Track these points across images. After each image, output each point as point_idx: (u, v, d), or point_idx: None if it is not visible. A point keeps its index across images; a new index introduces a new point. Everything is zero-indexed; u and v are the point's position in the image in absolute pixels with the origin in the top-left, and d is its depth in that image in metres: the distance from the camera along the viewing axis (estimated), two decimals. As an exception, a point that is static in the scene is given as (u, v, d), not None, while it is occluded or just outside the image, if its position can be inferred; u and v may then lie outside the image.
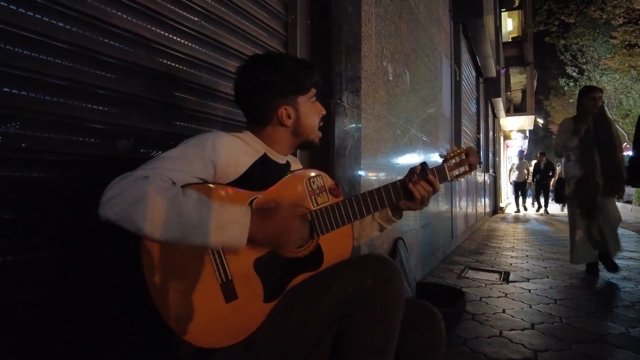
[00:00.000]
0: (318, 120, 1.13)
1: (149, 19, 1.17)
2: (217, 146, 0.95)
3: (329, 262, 1.04)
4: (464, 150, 1.19)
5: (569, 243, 3.79)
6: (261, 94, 1.05)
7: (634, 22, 10.48)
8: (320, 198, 1.06)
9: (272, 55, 1.12)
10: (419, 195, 1.11)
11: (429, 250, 3.61)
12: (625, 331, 2.29)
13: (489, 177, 9.38)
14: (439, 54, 4.14)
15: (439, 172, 1.16)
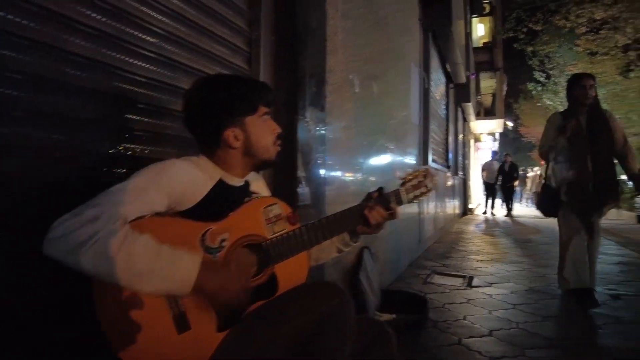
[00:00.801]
0: (272, 139, 1.12)
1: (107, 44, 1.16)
2: (172, 175, 0.95)
3: (284, 288, 1.06)
4: (422, 172, 1.24)
5: (533, 246, 3.92)
6: (204, 118, 1.05)
7: (594, 31, 10.93)
8: (277, 226, 1.08)
9: (214, 78, 1.11)
10: (374, 221, 1.15)
11: (396, 256, 3.68)
12: (577, 335, 2.41)
13: (458, 179, 9.61)
14: (408, 63, 4.22)
15: (395, 196, 1.20)
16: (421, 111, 4.84)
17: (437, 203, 6.19)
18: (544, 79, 19.52)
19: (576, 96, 2.98)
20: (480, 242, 6.18)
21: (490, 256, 4.98)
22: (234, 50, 1.64)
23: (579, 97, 2.95)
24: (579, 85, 2.95)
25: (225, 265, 0.94)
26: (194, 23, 1.43)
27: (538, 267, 4.26)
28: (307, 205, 1.99)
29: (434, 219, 5.88)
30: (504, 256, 4.98)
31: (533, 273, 4.01)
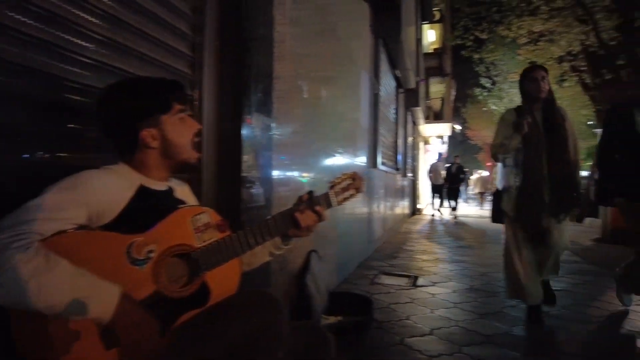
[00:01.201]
0: (190, 137, 1.12)
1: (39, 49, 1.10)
2: (88, 187, 0.93)
3: (216, 297, 1.06)
4: (349, 175, 1.29)
5: (476, 246, 4.12)
6: (119, 122, 1.04)
7: (533, 42, 11.65)
8: (206, 235, 1.07)
9: (123, 81, 1.10)
10: (305, 224, 1.18)
11: (345, 258, 3.75)
12: (508, 330, 2.58)
13: (407, 180, 9.92)
14: (359, 68, 4.32)
15: (325, 199, 1.24)
16: (371, 115, 4.96)
17: (387, 204, 6.36)
18: (489, 84, 20.60)
19: (529, 90, 2.68)
20: (427, 241, 6.42)
21: (435, 256, 5.19)
22: (176, 55, 1.61)
23: (532, 91, 2.65)
24: (530, 78, 2.67)
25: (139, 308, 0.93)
26: (133, 27, 1.39)
27: (479, 267, 4.49)
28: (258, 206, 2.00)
29: (384, 219, 6.03)
30: (448, 256, 5.21)
31: (474, 272, 4.22)
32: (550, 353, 2.30)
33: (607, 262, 4.72)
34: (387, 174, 6.25)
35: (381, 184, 5.76)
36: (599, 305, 3.16)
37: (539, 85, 2.61)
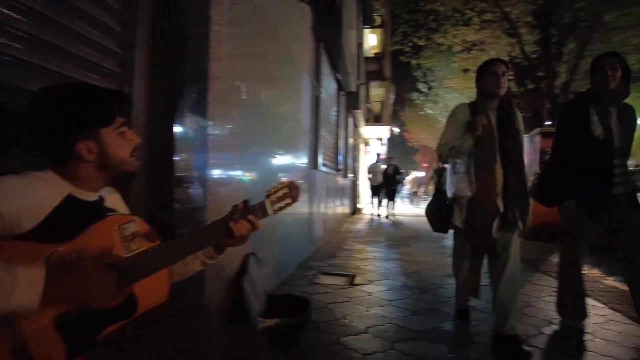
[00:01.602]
0: (130, 151, 1.08)
1: None
2: (4, 196, 0.87)
3: (144, 307, 1.03)
4: (286, 184, 1.30)
5: (411, 244, 4.28)
6: (53, 131, 0.97)
7: (467, 50, 12.36)
8: (134, 244, 1.04)
9: (65, 87, 1.02)
10: (239, 233, 1.17)
11: (284, 259, 3.76)
12: (438, 325, 2.72)
13: (348, 181, 10.14)
14: (300, 70, 4.34)
15: (260, 208, 1.24)
16: (312, 117, 5.01)
17: (328, 204, 6.46)
18: (426, 89, 21.60)
19: (486, 86, 2.39)
20: (366, 241, 6.61)
21: (373, 254, 5.36)
22: (105, 52, 1.53)
23: (490, 86, 2.37)
24: (489, 72, 2.38)
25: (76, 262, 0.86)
26: (58, 23, 1.30)
27: (413, 264, 4.70)
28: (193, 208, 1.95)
29: (324, 219, 6.12)
30: (385, 254, 5.40)
31: (409, 270, 4.41)
32: (476, 346, 2.45)
33: (528, 258, 5.14)
34: (327, 174, 6.35)
35: (322, 185, 5.84)
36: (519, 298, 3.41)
37: (499, 80, 2.33)
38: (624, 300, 3.30)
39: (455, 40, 12.05)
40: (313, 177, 5.05)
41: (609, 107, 2.48)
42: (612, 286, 3.88)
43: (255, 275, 2.71)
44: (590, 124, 2.43)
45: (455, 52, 13.12)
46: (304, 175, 4.58)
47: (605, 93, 2.46)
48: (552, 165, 2.66)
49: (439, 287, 3.76)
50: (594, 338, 2.52)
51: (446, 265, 4.71)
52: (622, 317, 2.92)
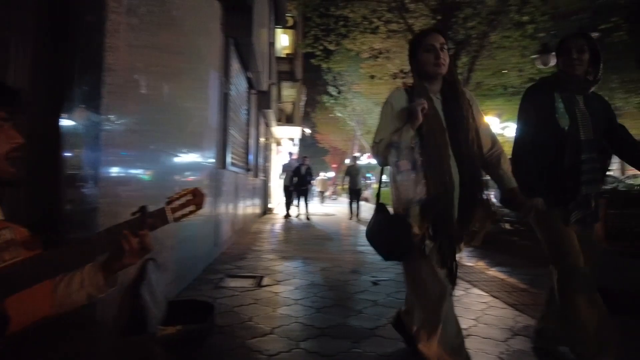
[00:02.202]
0: (7, 151, 0.96)
1: None
2: None
3: (18, 326, 0.91)
4: (190, 191, 1.24)
5: (319, 242, 4.33)
6: None
7: (374, 58, 12.99)
8: (8, 254, 0.92)
9: None
10: (128, 247, 1.08)
11: (188, 263, 3.61)
12: (342, 321, 2.82)
13: (259, 181, 10.06)
14: (208, 67, 4.20)
15: (159, 215, 1.16)
16: (220, 115, 4.88)
17: (237, 204, 6.34)
18: (336, 93, 22.29)
19: (423, 64, 1.91)
20: (275, 241, 6.61)
21: (282, 254, 5.38)
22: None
23: (427, 64, 1.89)
24: (425, 47, 1.90)
25: None
26: None
27: (321, 262, 4.81)
28: (84, 210, 1.78)
29: (233, 220, 6.00)
30: (294, 253, 5.46)
31: (316, 268, 4.50)
32: (377, 339, 2.58)
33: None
34: (237, 174, 6.23)
35: (230, 185, 5.72)
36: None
37: (438, 56, 1.86)
38: (502, 289, 3.73)
39: (363, 47, 12.59)
40: (221, 177, 4.92)
41: (575, 96, 2.16)
42: (494, 276, 4.35)
43: (155, 282, 2.56)
44: (555, 113, 2.12)
45: (363, 59, 13.71)
46: (211, 175, 4.44)
47: (570, 79, 2.16)
48: (514, 161, 2.21)
49: (345, 283, 3.90)
50: (477, 323, 2.81)
51: (351, 262, 4.91)
52: (500, 303, 3.29)
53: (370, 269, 4.52)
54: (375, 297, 3.41)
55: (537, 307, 3.16)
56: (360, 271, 4.45)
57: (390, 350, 2.33)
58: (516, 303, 3.27)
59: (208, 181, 4.27)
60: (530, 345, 2.41)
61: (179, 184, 3.20)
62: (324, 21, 12.78)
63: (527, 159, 2.18)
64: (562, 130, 2.10)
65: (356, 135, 26.28)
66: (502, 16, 10.19)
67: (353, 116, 24.35)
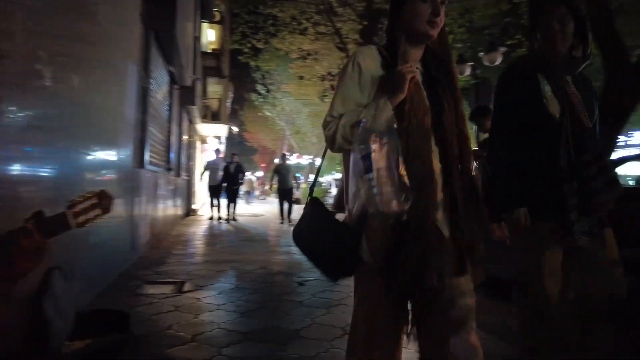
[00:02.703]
0: None
1: None
2: None
3: None
4: (95, 194, 1.14)
5: (246, 245, 4.21)
6: None
7: (303, 58, 13.08)
8: None
9: None
10: (20, 257, 0.94)
11: (102, 270, 3.34)
12: (265, 325, 2.78)
13: (182, 180, 9.64)
14: (125, 59, 3.93)
15: (59, 221, 1.05)
16: (139, 110, 4.58)
17: (156, 206, 6.01)
18: (264, 92, 22.10)
19: (412, 17, 1.27)
20: (199, 244, 6.38)
21: (205, 258, 5.21)
22: None
23: (419, 18, 1.26)
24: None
25: None
26: None
27: (246, 265, 4.72)
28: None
29: (152, 223, 5.67)
30: (218, 257, 5.30)
31: (241, 271, 4.41)
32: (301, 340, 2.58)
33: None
34: (156, 174, 5.90)
35: (149, 185, 5.40)
36: (339, 289, 3.73)
37: (437, 12, 1.26)
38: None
39: (292, 47, 12.63)
40: (138, 177, 4.63)
41: (563, 76, 1.76)
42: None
43: (61, 292, 2.32)
44: (542, 98, 1.69)
45: (292, 59, 13.75)
46: (127, 175, 4.15)
47: (555, 56, 1.75)
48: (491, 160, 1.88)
49: (270, 285, 3.87)
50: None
51: (278, 263, 4.89)
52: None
53: (296, 270, 4.53)
54: (300, 297, 3.42)
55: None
56: (286, 272, 4.45)
57: (314, 351, 2.35)
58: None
59: (124, 181, 3.99)
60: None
61: (91, 184, 2.95)
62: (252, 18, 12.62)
63: (505, 158, 1.77)
64: (553, 118, 1.68)
65: (285, 135, 26.27)
66: (423, 25, 10.80)
67: (282, 116, 24.32)
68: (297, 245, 1.43)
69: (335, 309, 3.16)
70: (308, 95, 16.87)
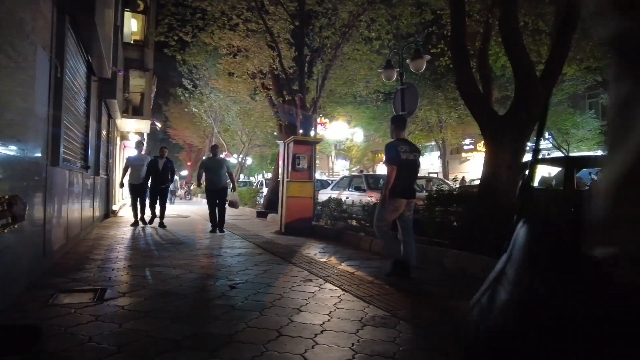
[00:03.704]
0: None
1: None
2: None
3: None
4: (5, 199, 1.00)
5: (172, 247, 3.99)
6: None
7: (233, 55, 12.74)
8: None
9: None
10: None
11: (6, 279, 2.98)
12: (197, 330, 2.66)
13: (100, 179, 8.93)
14: (33, 44, 3.53)
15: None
16: (51, 103, 4.16)
17: (72, 207, 5.51)
18: (191, 87, 21.23)
19: None
20: (120, 247, 5.95)
21: (128, 262, 4.87)
22: None
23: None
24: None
25: None
26: None
27: (173, 269, 4.49)
28: None
29: (67, 226, 5.19)
30: (142, 261, 4.98)
31: (167, 276, 4.17)
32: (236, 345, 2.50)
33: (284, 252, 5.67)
34: (72, 172, 5.40)
35: (63, 185, 4.93)
36: (271, 291, 3.69)
37: None
38: (352, 282, 4.03)
39: (222, 43, 12.25)
40: (51, 176, 4.20)
41: None
42: (344, 270, 4.67)
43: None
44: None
45: (221, 55, 13.34)
46: (38, 174, 3.75)
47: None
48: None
49: (200, 289, 3.73)
50: (330, 318, 2.96)
51: (207, 267, 4.72)
52: (351, 297, 3.54)
53: (226, 273, 4.42)
54: (232, 301, 3.33)
55: (382, 297, 3.51)
56: (216, 276, 4.31)
57: (249, 355, 2.29)
58: (364, 295, 3.56)
59: (35, 180, 3.60)
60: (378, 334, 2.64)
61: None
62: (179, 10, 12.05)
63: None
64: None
65: (214, 133, 25.46)
66: (354, 30, 11.08)
67: (210, 112, 23.55)
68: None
69: (268, 311, 3.12)
70: (238, 92, 16.49)
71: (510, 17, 5.22)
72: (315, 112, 11.97)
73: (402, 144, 4.35)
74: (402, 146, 4.32)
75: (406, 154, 4.28)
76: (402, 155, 4.24)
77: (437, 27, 9.82)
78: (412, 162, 4.34)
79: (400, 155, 4.23)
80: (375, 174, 14.45)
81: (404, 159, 4.25)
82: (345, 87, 14.39)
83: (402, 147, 4.30)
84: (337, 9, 10.87)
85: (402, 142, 4.38)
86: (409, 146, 4.39)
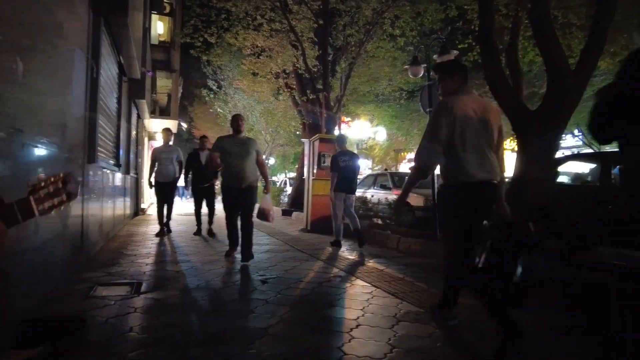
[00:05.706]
0: None
1: None
2: None
3: None
4: (59, 178, 1.02)
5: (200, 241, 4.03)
6: None
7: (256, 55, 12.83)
8: None
9: None
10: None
11: (44, 274, 3.07)
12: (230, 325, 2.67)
13: (130, 178, 9.15)
14: (71, 45, 3.64)
15: (23, 206, 0.93)
16: (88, 102, 4.28)
17: (105, 205, 5.66)
18: (216, 87, 21.49)
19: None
20: (151, 244, 6.07)
21: (160, 258, 4.97)
22: None
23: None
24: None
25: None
26: None
27: (204, 264, 4.56)
28: None
29: (101, 222, 5.33)
30: (174, 256, 5.08)
31: (199, 271, 4.24)
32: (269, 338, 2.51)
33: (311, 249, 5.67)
34: (106, 170, 5.56)
35: (98, 182, 5.07)
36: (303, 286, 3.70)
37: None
38: (382, 279, 4.00)
39: (246, 43, 12.36)
40: (88, 173, 4.33)
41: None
42: (373, 267, 4.64)
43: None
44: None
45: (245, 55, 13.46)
46: (77, 170, 3.87)
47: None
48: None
49: (232, 284, 3.77)
50: (364, 313, 2.94)
51: (237, 261, 4.76)
52: (383, 293, 3.51)
53: (256, 268, 4.45)
54: (265, 295, 3.34)
55: (414, 294, 3.47)
56: (246, 270, 4.35)
57: (285, 347, 2.30)
58: (396, 291, 3.53)
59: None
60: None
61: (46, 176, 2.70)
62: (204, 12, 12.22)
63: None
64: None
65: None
66: (377, 27, 10.99)
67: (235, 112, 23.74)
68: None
69: (301, 305, 3.13)
70: (262, 92, 16.61)
71: (540, 5, 5.04)
72: (339, 111, 11.93)
73: (343, 155, 6.08)
74: (343, 157, 6.05)
75: (345, 162, 5.96)
76: (341, 163, 5.94)
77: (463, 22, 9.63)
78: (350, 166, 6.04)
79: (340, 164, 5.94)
80: (399, 172, 14.28)
81: (343, 165, 5.94)
82: (367, 86, 14.28)
83: (342, 158, 6.03)
84: (361, 7, 10.80)
85: (342, 154, 6.13)
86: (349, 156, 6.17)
